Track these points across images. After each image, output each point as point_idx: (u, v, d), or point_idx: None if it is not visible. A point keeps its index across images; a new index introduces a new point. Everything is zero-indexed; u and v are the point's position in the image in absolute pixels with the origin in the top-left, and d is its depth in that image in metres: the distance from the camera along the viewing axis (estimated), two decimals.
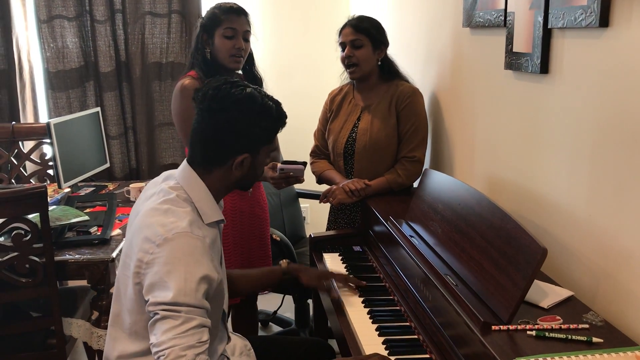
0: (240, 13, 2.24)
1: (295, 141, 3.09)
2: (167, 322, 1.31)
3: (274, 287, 1.99)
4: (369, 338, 1.66)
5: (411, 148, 2.36)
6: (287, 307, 3.16)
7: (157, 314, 1.32)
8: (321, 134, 2.57)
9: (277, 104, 1.54)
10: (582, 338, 1.28)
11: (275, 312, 3.12)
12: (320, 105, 2.61)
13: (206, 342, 1.34)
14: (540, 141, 1.71)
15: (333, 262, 2.17)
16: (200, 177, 1.51)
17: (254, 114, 1.47)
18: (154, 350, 1.32)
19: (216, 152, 1.49)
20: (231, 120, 1.46)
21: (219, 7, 2.26)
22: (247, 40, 2.27)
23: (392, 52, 2.45)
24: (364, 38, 2.33)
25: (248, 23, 2.27)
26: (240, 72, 2.37)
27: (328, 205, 2.51)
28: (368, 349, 1.60)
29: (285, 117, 1.57)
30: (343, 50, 2.38)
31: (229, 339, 1.70)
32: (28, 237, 2.04)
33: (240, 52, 2.24)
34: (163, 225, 1.39)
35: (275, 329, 3.22)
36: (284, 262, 1.93)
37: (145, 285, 1.36)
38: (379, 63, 2.41)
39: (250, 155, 1.50)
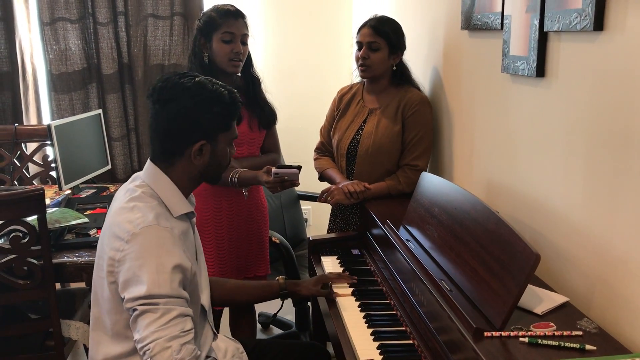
0: (238, 16, 2.22)
1: (297, 142, 3.10)
2: (147, 316, 1.31)
3: (268, 300, 1.96)
4: (363, 342, 1.65)
5: (414, 156, 2.35)
6: (287, 310, 3.16)
7: (135, 309, 1.33)
8: (327, 131, 2.57)
9: (230, 91, 1.54)
10: (575, 345, 1.27)
11: (276, 314, 3.12)
12: (321, 106, 2.60)
13: (190, 331, 1.34)
14: (537, 144, 1.70)
15: (331, 265, 2.17)
16: (164, 172, 1.51)
17: (205, 100, 1.48)
18: (138, 346, 1.32)
19: (172, 142, 1.50)
20: (181, 109, 1.47)
21: (217, 10, 2.23)
22: (245, 44, 2.25)
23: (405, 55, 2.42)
24: (381, 41, 2.31)
25: (246, 26, 2.25)
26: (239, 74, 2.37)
27: (329, 207, 2.51)
28: (362, 354, 1.59)
29: (239, 101, 1.56)
30: (359, 49, 2.35)
31: (215, 335, 1.69)
32: (26, 240, 2.04)
33: (238, 56, 2.22)
34: (130, 221, 1.40)
35: (276, 331, 3.22)
36: (280, 279, 1.90)
37: (120, 283, 1.37)
38: (394, 68, 2.39)
39: (208, 142, 1.50)
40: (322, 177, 2.54)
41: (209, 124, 1.50)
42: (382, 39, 2.30)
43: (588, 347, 1.26)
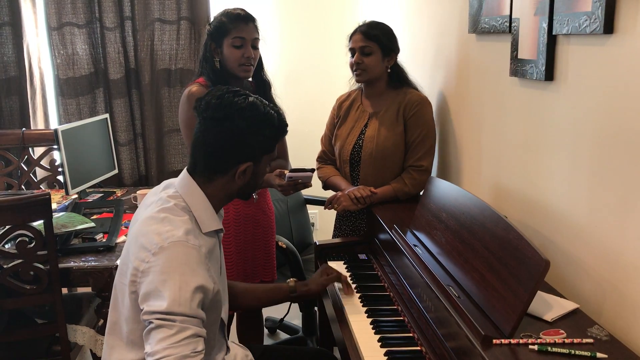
0: (248, 20, 2.21)
1: (304, 146, 3.08)
2: (161, 331, 1.30)
3: (279, 303, 1.95)
4: (370, 348, 1.63)
5: (418, 157, 2.33)
6: (294, 315, 3.15)
7: (151, 322, 1.32)
8: (328, 140, 2.56)
9: (279, 112, 1.54)
10: (586, 353, 1.25)
11: (282, 319, 3.11)
12: (328, 110, 2.59)
13: (201, 353, 1.33)
14: (546, 149, 1.68)
15: (338, 270, 2.15)
16: (200, 186, 1.50)
17: (257, 122, 1.47)
18: (148, 359, 1.31)
19: (219, 161, 1.49)
20: (235, 129, 1.46)
21: (227, 15, 2.22)
22: (256, 48, 2.25)
23: (400, 57, 2.42)
24: (373, 45, 2.31)
25: (256, 30, 2.24)
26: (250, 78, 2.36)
27: (335, 212, 2.49)
28: None
29: (286, 125, 1.57)
30: (353, 56, 2.36)
31: (228, 349, 1.69)
32: (32, 244, 2.05)
33: (249, 61, 2.22)
34: (159, 233, 1.38)
35: (283, 336, 3.21)
36: (291, 281, 1.88)
37: (141, 294, 1.36)
38: (388, 70, 2.39)
39: (253, 163, 1.50)
40: (327, 186, 2.53)
41: (258, 146, 1.49)
42: (373, 42, 2.31)
43: (599, 355, 1.24)
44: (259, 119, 1.47)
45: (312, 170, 2.10)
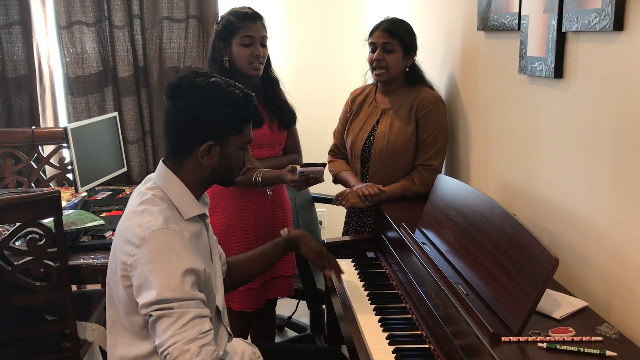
0: (256, 19, 2.22)
1: (313, 143, 3.08)
2: (163, 321, 1.32)
3: (279, 259, 1.96)
4: (378, 346, 1.63)
5: (429, 156, 2.33)
6: (302, 313, 3.15)
7: (151, 315, 1.33)
8: (340, 133, 2.56)
9: (247, 94, 1.52)
10: (595, 351, 1.24)
11: (290, 317, 3.11)
12: (338, 107, 2.59)
13: (209, 332, 1.34)
14: (555, 147, 1.67)
15: (346, 268, 2.15)
16: (174, 173, 1.51)
17: (216, 100, 1.47)
18: (159, 351, 1.33)
19: (180, 140, 1.50)
20: (191, 107, 1.46)
21: (235, 14, 2.23)
22: (264, 46, 2.26)
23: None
24: (396, 43, 2.29)
25: (264, 28, 2.25)
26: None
27: (344, 209, 2.49)
28: (378, 358, 1.57)
29: (254, 105, 1.54)
30: (372, 51, 2.34)
31: (230, 336, 1.68)
32: (42, 242, 2.06)
33: (259, 59, 2.22)
34: (140, 225, 1.40)
35: (291, 334, 3.22)
36: (284, 231, 1.90)
37: (134, 288, 1.38)
38: (407, 69, 2.38)
39: (217, 143, 1.49)
40: (337, 180, 2.53)
41: (219, 125, 1.48)
42: (396, 40, 2.29)
43: (608, 353, 1.24)
44: (218, 97, 1.47)
45: (324, 165, 2.11)
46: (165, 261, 1.35)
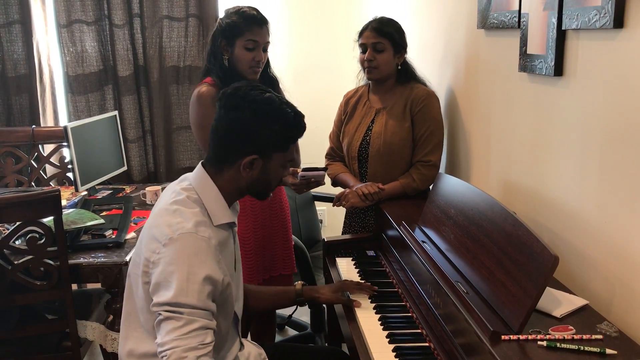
0: (262, 24, 2.20)
1: (312, 144, 3.07)
2: (170, 322, 1.32)
3: (285, 307, 1.95)
4: (379, 345, 1.63)
5: (426, 152, 2.33)
6: (303, 311, 3.15)
7: (160, 314, 1.33)
8: (336, 136, 2.56)
9: (297, 113, 1.52)
10: (595, 349, 1.24)
11: (290, 315, 3.11)
12: (336, 107, 2.59)
13: (209, 345, 1.34)
14: (555, 145, 1.67)
15: (346, 267, 2.15)
16: (211, 178, 1.51)
17: (267, 116, 1.47)
18: (158, 350, 1.33)
19: (226, 149, 1.50)
20: (242, 119, 1.46)
21: (242, 15, 2.19)
22: (266, 51, 2.25)
23: (409, 53, 2.41)
24: (386, 42, 2.30)
25: (269, 33, 2.23)
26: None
27: (344, 208, 2.49)
28: (378, 356, 1.57)
29: (303, 126, 1.54)
30: (363, 52, 2.35)
31: (242, 346, 1.69)
32: (42, 241, 2.06)
33: (259, 64, 2.22)
34: (169, 225, 1.40)
35: (291, 332, 3.21)
36: (298, 285, 1.87)
37: (152, 285, 1.38)
38: (398, 67, 2.38)
39: (260, 158, 1.49)
40: (335, 182, 2.53)
41: (266, 140, 1.48)
42: (386, 39, 2.30)
43: (609, 351, 1.23)
44: (270, 112, 1.47)
45: (325, 169, 2.14)
46: (187, 265, 1.35)
